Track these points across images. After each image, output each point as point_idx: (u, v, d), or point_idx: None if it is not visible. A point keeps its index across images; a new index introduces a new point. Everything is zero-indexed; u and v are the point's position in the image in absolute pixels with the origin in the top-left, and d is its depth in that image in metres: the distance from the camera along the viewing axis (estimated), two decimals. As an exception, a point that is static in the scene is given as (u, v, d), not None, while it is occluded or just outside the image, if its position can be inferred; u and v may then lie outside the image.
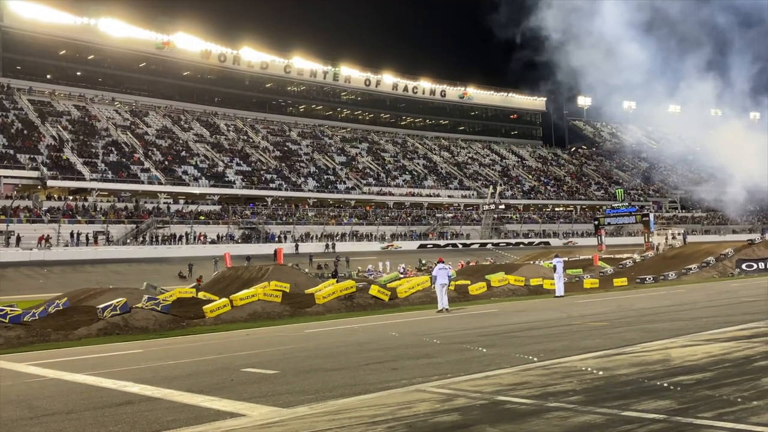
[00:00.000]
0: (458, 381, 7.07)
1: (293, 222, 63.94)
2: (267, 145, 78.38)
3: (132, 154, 64.27)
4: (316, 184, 72.62)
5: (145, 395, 7.63)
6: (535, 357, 8.62)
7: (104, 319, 17.59)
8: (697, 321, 12.48)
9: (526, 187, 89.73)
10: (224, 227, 59.01)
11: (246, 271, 30.13)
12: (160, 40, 75.58)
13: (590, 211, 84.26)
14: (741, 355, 7.55)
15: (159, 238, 54.41)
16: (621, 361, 7.69)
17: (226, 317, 19.43)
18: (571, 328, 12.87)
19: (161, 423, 6.07)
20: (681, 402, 5.29)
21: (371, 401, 6.20)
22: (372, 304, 22.63)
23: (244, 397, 7.06)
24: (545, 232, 78.07)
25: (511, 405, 5.62)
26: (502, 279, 27.90)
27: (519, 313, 17.65)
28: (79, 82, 72.70)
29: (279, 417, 5.81)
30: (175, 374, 9.37)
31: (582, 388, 6.13)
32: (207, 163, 68.50)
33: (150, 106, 76.34)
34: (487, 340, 11.54)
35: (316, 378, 8.17)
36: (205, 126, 77.56)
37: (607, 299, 21.95)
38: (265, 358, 10.62)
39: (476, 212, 78.59)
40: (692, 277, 34.42)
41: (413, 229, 70.43)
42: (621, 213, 66.16)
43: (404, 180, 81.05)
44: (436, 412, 5.52)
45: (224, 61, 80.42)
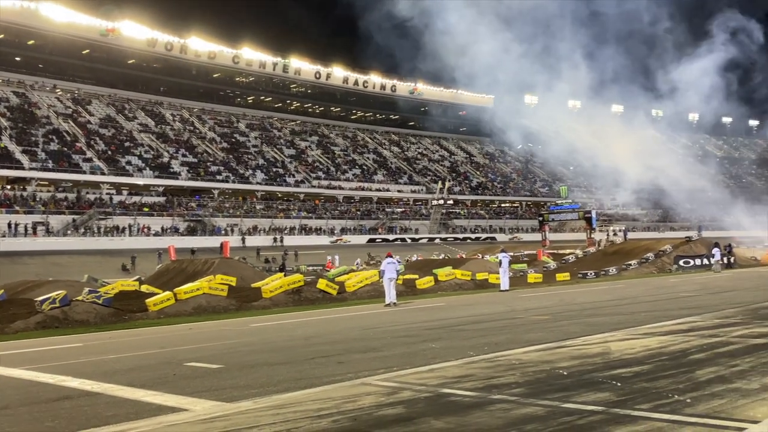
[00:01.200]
0: (404, 374, 7.11)
1: (240, 215, 63.19)
2: (214, 137, 77.16)
3: (74, 143, 62.41)
4: (265, 177, 71.88)
5: (84, 390, 7.44)
6: (479, 350, 8.73)
7: (43, 312, 17.10)
8: (636, 315, 12.83)
9: (474, 183, 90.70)
10: (169, 219, 57.93)
11: (191, 264, 29.70)
12: (105, 26, 73.38)
13: (535, 207, 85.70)
14: (677, 349, 7.80)
15: (101, 230, 53.06)
16: (562, 354, 7.85)
17: (170, 311, 19.12)
18: (515, 321, 13.09)
19: (100, 418, 5.93)
20: (619, 394, 5.43)
21: (316, 395, 6.19)
22: (320, 298, 22.60)
23: (186, 392, 6.95)
24: (492, 227, 79.13)
25: (455, 397, 5.68)
26: (449, 273, 28.18)
27: (465, 307, 17.85)
28: (18, 68, 70.05)
29: (222, 412, 5.74)
30: (116, 369, 9.17)
31: (524, 381, 6.24)
32: (152, 153, 67.04)
33: (93, 95, 74.20)
34: (434, 333, 11.63)
35: (261, 372, 8.10)
36: (151, 116, 75.86)
37: (550, 294, 22.39)
38: (209, 353, 10.49)
39: (425, 207, 79.09)
40: (632, 273, 35.39)
41: (362, 223, 70.46)
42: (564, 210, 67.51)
43: (354, 174, 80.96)
44: (381, 405, 5.54)
45: (171, 50, 78.64)
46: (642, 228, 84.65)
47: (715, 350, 7.49)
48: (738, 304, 13.66)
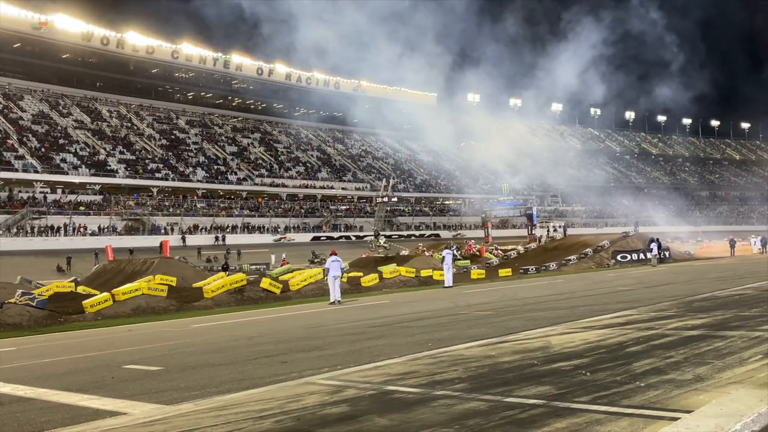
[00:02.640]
0: (348, 372, 7.09)
1: (180, 213, 62.01)
2: (153, 133, 75.46)
3: (5, 140, 60.10)
4: (206, 175, 70.69)
5: (16, 395, 7.18)
6: (423, 347, 8.78)
7: (-29, 316, 16.43)
8: (576, 309, 13.11)
9: (418, 181, 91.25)
10: (106, 218, 56.40)
11: (129, 265, 29.02)
12: (37, 19, 70.83)
13: (478, 204, 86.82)
14: (615, 342, 8.00)
15: (35, 230, 51.30)
16: (504, 349, 7.95)
17: (108, 312, 18.64)
18: (458, 317, 13.21)
19: (34, 424, 5.72)
20: (559, 387, 5.53)
21: (259, 395, 6.11)
22: (263, 297, 22.38)
23: (125, 395, 6.78)
24: (436, 224, 79.79)
25: (399, 394, 5.69)
26: (394, 270, 28.29)
27: (409, 304, 17.94)
28: (-58, 61, 67.24)
29: (162, 414, 5.61)
30: (50, 373, 8.87)
31: (467, 376, 6.30)
32: (88, 150, 65.11)
33: (25, 90, 71.58)
34: (378, 330, 11.65)
35: (202, 374, 7.96)
36: (86, 112, 73.65)
37: (492, 289, 22.69)
38: (149, 355, 10.26)
39: (369, 205, 79.17)
40: (571, 268, 36.22)
41: (306, 221, 70.05)
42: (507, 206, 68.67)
43: (298, 172, 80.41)
44: (325, 404, 5.50)
45: (107, 44, 76.45)
46: (581, 224, 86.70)
47: (650, 342, 7.71)
48: (673, 298, 14.10)
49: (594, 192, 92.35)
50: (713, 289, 15.41)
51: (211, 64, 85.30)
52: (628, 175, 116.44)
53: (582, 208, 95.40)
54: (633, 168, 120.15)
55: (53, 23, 71.94)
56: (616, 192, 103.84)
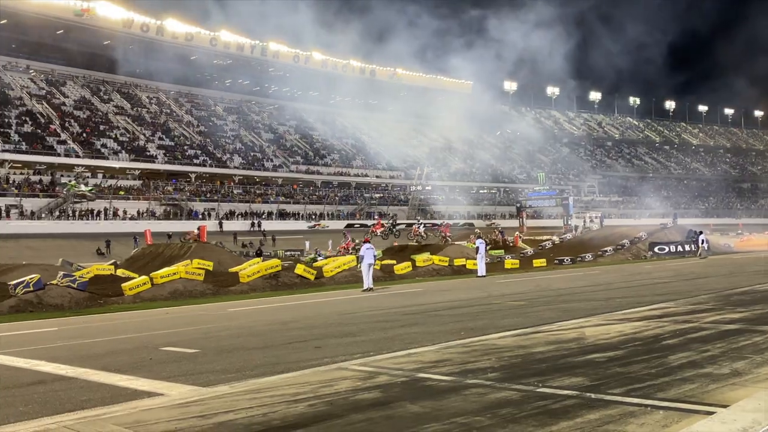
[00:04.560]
0: (380, 359, 7.13)
1: (218, 199, 62.73)
2: (191, 120, 76.35)
3: (48, 125, 61.42)
4: (242, 161, 71.36)
5: (58, 374, 7.38)
6: (456, 335, 8.78)
7: (16, 296, 16.91)
8: (611, 301, 12.98)
9: (453, 169, 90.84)
10: (145, 203, 57.34)
11: (168, 249, 29.49)
12: (80, 6, 71.99)
13: (513, 193, 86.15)
14: (651, 334, 7.90)
15: (76, 213, 52.38)
16: (538, 340, 7.92)
17: (146, 295, 19.00)
18: (492, 307, 13.18)
19: (74, 403, 5.88)
20: (593, 379, 5.50)
21: (293, 380, 6.19)
22: (297, 283, 22.57)
23: (162, 377, 6.92)
24: (470, 213, 79.42)
25: (431, 382, 5.71)
26: (427, 259, 28.29)
27: (442, 293, 17.94)
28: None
29: (198, 396, 5.72)
30: (91, 353, 9.10)
31: (500, 366, 6.29)
32: (128, 136, 66.19)
33: (68, 76, 72.95)
34: (411, 318, 11.68)
35: (238, 357, 8.09)
36: (126, 98, 74.82)
37: (526, 279, 22.56)
38: (186, 337, 10.44)
39: (403, 193, 79.09)
40: (608, 259, 35.78)
41: (340, 208, 70.30)
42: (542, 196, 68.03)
43: (332, 159, 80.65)
44: (358, 389, 5.55)
45: (147, 31, 77.37)
46: (618, 215, 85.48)
47: (687, 336, 7.61)
48: (711, 291, 13.87)
49: (632, 182, 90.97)
50: (752, 283, 15.10)
51: (249, 51, 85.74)
52: (668, 166, 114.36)
53: (620, 199, 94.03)
54: (672, 158, 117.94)
55: (95, 10, 73.02)
56: (654, 182, 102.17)
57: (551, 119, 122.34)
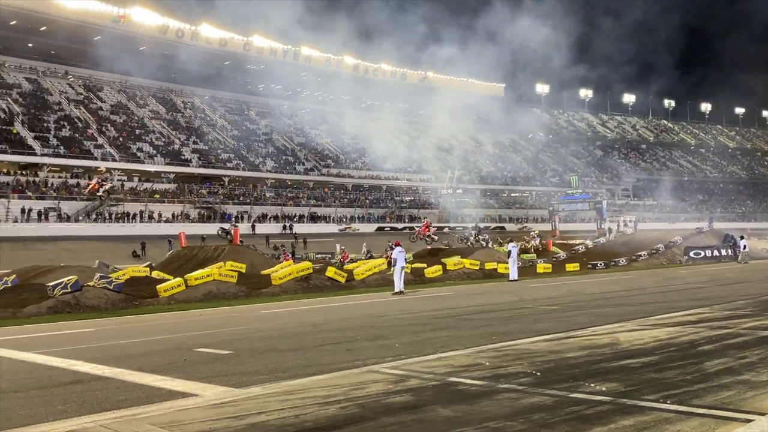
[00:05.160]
0: (411, 362, 7.14)
1: (250, 202, 63.30)
2: (224, 124, 77.22)
3: (85, 130, 62.63)
4: (275, 165, 71.92)
5: (95, 374, 7.52)
6: (487, 340, 8.75)
7: (54, 297, 17.25)
8: (646, 306, 12.81)
9: (484, 173, 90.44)
10: (180, 206, 58.10)
11: (201, 251, 29.81)
12: (116, 13, 73.34)
13: (545, 197, 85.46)
14: (686, 340, 7.79)
15: (112, 216, 53.30)
16: (570, 345, 7.85)
17: (181, 297, 19.24)
18: (524, 311, 13.09)
19: (111, 402, 6.00)
20: (627, 384, 5.44)
21: (325, 382, 6.23)
22: (328, 285, 22.66)
23: (196, 377, 7.02)
24: (501, 216, 78.97)
25: (462, 386, 5.71)
26: (458, 263, 28.18)
27: (473, 296, 17.87)
28: (30, 55, 70.23)
29: (232, 397, 5.80)
30: (126, 353, 9.26)
31: (532, 371, 6.26)
32: (163, 140, 67.19)
33: (105, 81, 74.31)
34: (442, 322, 11.66)
35: (270, 358, 8.16)
36: (162, 102, 75.97)
37: (559, 284, 22.36)
38: (219, 339, 10.55)
39: (434, 196, 78.98)
40: (642, 264, 35.26)
41: (371, 211, 70.45)
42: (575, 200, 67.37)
43: (363, 162, 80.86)
44: (389, 392, 5.57)
45: (182, 36, 78.48)
46: (653, 219, 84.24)
47: (724, 342, 7.48)
48: (748, 296, 13.60)
49: (666, 186, 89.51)
50: (793, 289, 14.77)
51: (281, 56, 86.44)
52: (703, 169, 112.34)
53: (654, 202, 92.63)
54: (708, 161, 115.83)
55: (131, 16, 74.35)
56: (690, 186, 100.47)
57: (584, 122, 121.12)
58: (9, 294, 19.40)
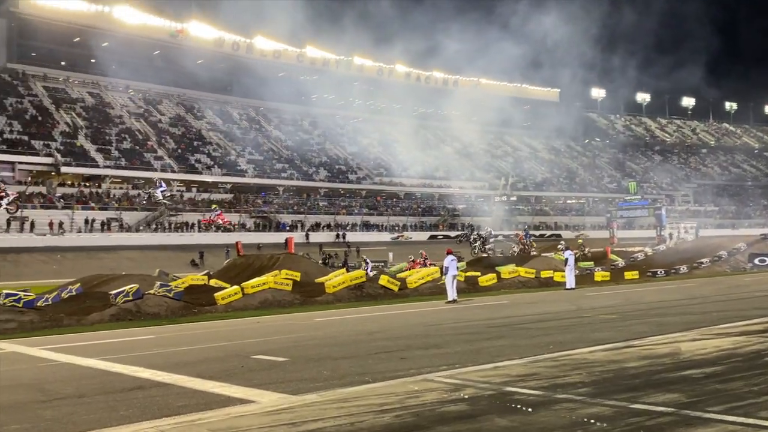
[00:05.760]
0: (467, 371, 7.09)
1: (304, 211, 64.04)
2: (279, 135, 78.39)
3: (145, 142, 64.49)
4: (328, 174, 72.62)
5: (156, 380, 7.70)
6: (544, 349, 8.62)
7: (117, 305, 17.71)
8: (708, 315, 12.43)
9: (539, 179, 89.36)
10: (236, 215, 59.18)
11: (257, 260, 30.21)
12: (174, 27, 75.50)
13: (603, 203, 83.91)
14: (751, 350, 7.53)
15: (172, 226, 54.64)
16: (630, 354, 7.68)
17: (237, 304, 19.53)
18: (581, 320, 12.86)
19: (171, 408, 6.13)
20: (690, 395, 5.29)
21: (379, 390, 6.24)
22: (382, 294, 22.67)
23: (253, 384, 7.11)
24: (557, 224, 77.82)
25: (519, 396, 5.64)
26: (513, 271, 27.84)
27: (529, 305, 17.64)
28: (93, 69, 72.79)
29: (288, 404, 5.86)
30: (186, 360, 9.45)
31: (591, 381, 6.14)
32: (219, 151, 68.64)
33: (164, 94, 76.42)
34: (497, 331, 11.55)
35: (325, 366, 8.22)
36: (218, 114, 77.64)
37: (617, 292, 21.90)
38: (275, 346, 10.68)
39: (488, 204, 78.38)
40: (704, 271, 34.20)
41: (424, 219, 70.35)
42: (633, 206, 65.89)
43: (415, 170, 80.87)
44: (444, 401, 5.55)
45: (237, 49, 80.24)
46: (714, 225, 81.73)
47: (793, 353, 7.20)
48: (818, 305, 13.06)
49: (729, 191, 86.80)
50: None
51: (334, 66, 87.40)
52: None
53: (716, 209, 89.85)
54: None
55: (188, 30, 76.41)
56: (753, 191, 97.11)
57: (642, 126, 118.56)
58: (74, 302, 20.03)
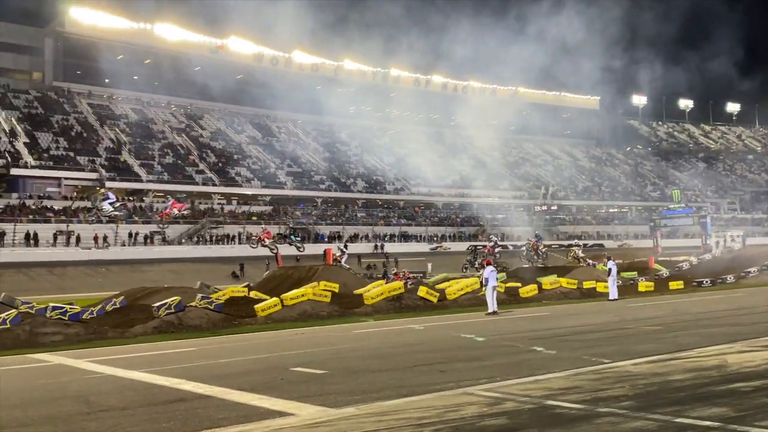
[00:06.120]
0: (507, 384, 7.01)
1: (342, 223, 64.31)
2: (317, 147, 79.01)
3: (187, 156, 65.63)
4: (365, 185, 72.87)
5: (197, 393, 7.79)
6: (586, 362, 8.48)
7: (159, 317, 17.96)
8: (757, 326, 12.09)
9: (580, 188, 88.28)
10: (275, 227, 59.71)
11: (296, 271, 30.37)
12: (214, 43, 76.92)
13: (646, 212, 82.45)
14: (803, 363, 7.29)
15: (213, 238, 55.40)
16: (675, 367, 7.50)
17: (277, 316, 19.63)
18: (625, 332, 12.63)
19: (212, 420, 6.19)
20: (737, 409, 5.14)
21: (418, 403, 6.20)
22: (420, 305, 22.58)
23: (293, 396, 7.14)
24: (599, 233, 76.70)
25: (560, 409, 5.55)
26: (554, 281, 27.48)
27: (571, 317, 17.38)
28: (136, 86, 74.47)
29: (327, 417, 5.86)
30: (226, 372, 9.54)
31: (634, 394, 6.01)
32: (259, 164, 69.47)
33: (204, 109, 77.72)
34: (538, 343, 11.40)
35: (364, 379, 8.20)
36: (258, 128, 78.63)
37: (662, 303, 21.46)
38: (314, 358, 10.71)
39: (527, 213, 77.69)
40: (752, 281, 33.27)
41: (462, 230, 70.01)
42: (678, 214, 64.64)
43: (453, 180, 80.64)
44: (484, 415, 5.48)
45: (276, 64, 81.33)
46: (763, 233, 79.56)
47: None
48: None
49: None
50: None
51: (371, 78, 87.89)
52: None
53: (764, 216, 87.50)
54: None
55: (228, 46, 77.77)
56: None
57: (685, 133, 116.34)
58: (118, 314, 20.39)
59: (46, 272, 42.59)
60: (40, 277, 41.19)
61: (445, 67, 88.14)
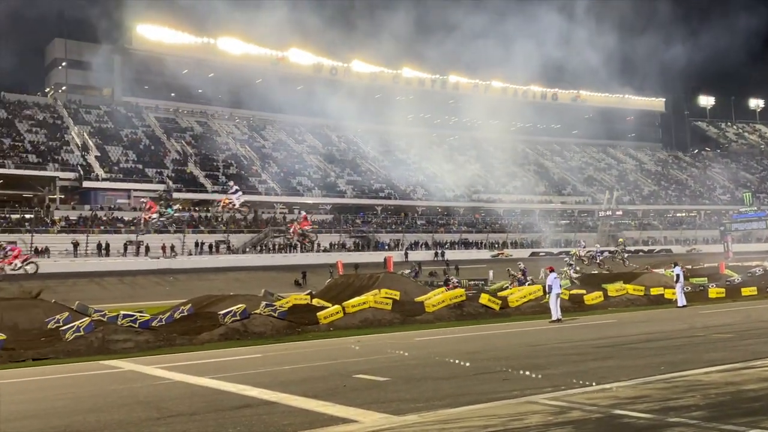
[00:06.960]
0: (572, 393, 6.88)
1: (402, 230, 64.38)
2: (376, 155, 79.42)
3: (250, 167, 66.98)
4: (425, 192, 72.80)
5: (262, 399, 7.92)
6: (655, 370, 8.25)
7: (225, 324, 18.33)
8: (838, 334, 11.54)
9: (645, 192, 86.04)
10: (336, 236, 60.25)
11: (357, 279, 30.50)
12: (275, 55, 78.42)
13: (715, 216, 79.70)
14: None
15: (276, 247, 56.29)
16: (749, 376, 7.22)
17: (339, 324, 19.78)
18: (694, 339, 12.24)
19: (277, 427, 6.28)
20: (818, 422, 4.92)
21: (482, 411, 6.15)
22: (482, 313, 22.38)
23: (356, 403, 7.18)
24: (666, 238, 74.55)
25: (628, 419, 5.42)
26: (620, 288, 26.84)
27: (638, 324, 16.94)
28: (200, 100, 76.53)
29: (389, 424, 5.87)
30: (291, 379, 9.67)
31: (706, 404, 5.82)
32: (320, 173, 70.31)
33: (266, 120, 79.22)
34: (604, 351, 11.16)
35: (426, 386, 8.19)
36: (318, 138, 79.62)
37: (734, 310, 20.71)
38: (376, 365, 10.75)
39: (591, 219, 76.13)
40: (833, 287, 31.75)
41: (524, 236, 69.12)
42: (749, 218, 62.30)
43: (514, 186, 79.76)
44: (549, 424, 5.40)
45: (335, 74, 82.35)
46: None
47: None
48: None
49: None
50: None
51: (429, 85, 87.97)
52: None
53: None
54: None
55: (288, 58, 79.19)
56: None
57: (756, 134, 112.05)
58: (186, 322, 20.91)
59: (116, 281, 44.04)
60: (112, 286, 42.61)
61: (502, 72, 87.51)
